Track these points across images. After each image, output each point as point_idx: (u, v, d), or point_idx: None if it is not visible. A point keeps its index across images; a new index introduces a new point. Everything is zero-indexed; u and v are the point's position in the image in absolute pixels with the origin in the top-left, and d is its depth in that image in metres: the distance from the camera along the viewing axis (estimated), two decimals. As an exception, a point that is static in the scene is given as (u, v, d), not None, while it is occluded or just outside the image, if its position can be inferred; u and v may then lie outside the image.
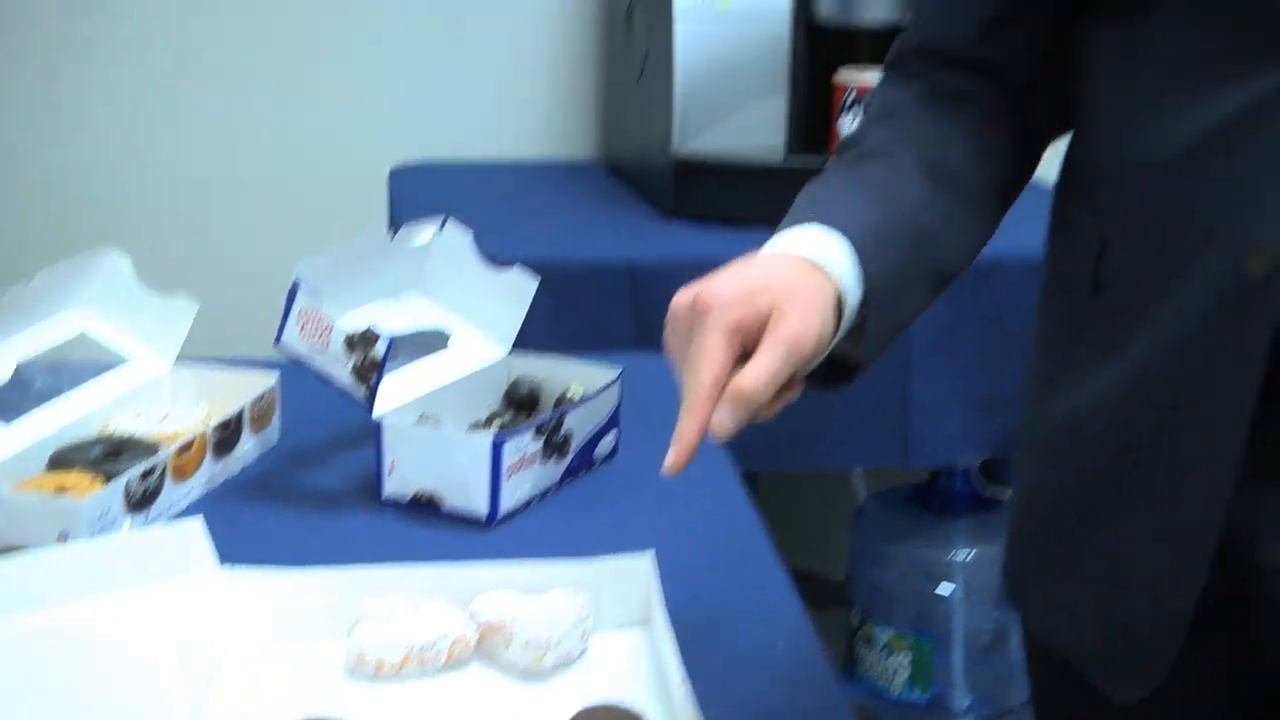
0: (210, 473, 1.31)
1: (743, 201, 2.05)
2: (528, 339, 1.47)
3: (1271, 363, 1.00)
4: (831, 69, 2.07)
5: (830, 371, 1.06)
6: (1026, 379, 1.21)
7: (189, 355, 1.43)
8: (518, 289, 1.47)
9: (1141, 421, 1.07)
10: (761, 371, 0.95)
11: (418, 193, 2.25)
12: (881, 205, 1.08)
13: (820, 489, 2.60)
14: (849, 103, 2.05)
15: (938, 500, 2.33)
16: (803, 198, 1.09)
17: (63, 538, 1.14)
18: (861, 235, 1.04)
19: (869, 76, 2.00)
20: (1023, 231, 1.25)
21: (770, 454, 1.92)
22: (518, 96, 2.45)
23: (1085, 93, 1.14)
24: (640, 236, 2.07)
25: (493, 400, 1.45)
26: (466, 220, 1.47)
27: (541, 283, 1.47)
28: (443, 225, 1.47)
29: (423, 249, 1.47)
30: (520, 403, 1.44)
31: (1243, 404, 1.01)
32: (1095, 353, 1.10)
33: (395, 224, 2.17)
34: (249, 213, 2.42)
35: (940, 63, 1.19)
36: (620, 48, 2.29)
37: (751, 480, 2.18)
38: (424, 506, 1.29)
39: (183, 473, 1.27)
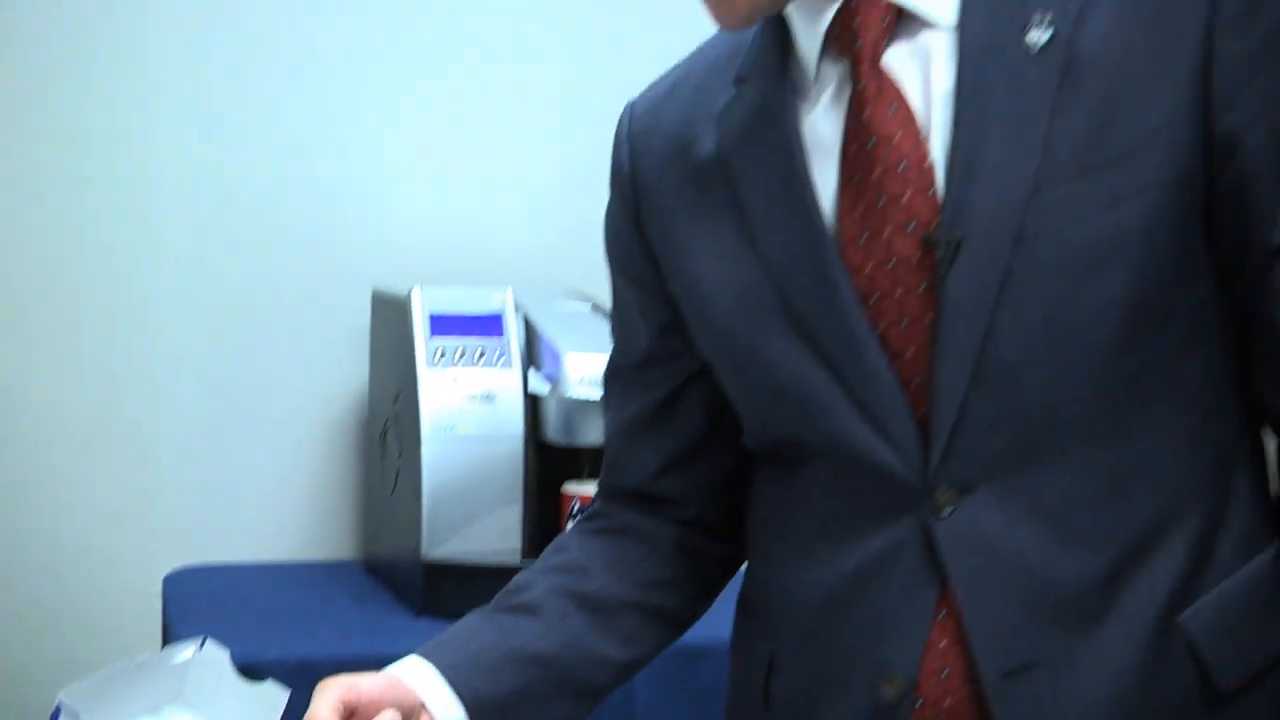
0: None
1: (485, 600, 2.07)
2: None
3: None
4: (560, 482, 2.15)
5: None
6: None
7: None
8: (271, 699, 1.46)
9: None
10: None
11: (191, 596, 2.22)
12: (494, 638, 1.17)
13: None
14: (575, 510, 2.12)
15: None
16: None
17: None
18: (452, 664, 1.13)
19: (591, 488, 2.06)
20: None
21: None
22: (286, 504, 2.46)
23: (753, 532, 1.21)
24: (392, 633, 2.06)
25: (245, 804, 1.42)
26: (236, 621, 1.46)
27: (301, 681, 1.46)
28: (203, 644, 1.47)
29: (183, 666, 1.45)
30: (270, 805, 1.42)
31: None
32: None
33: (169, 627, 2.14)
34: (22, 624, 2.35)
35: (619, 499, 1.26)
36: (377, 463, 2.33)
37: None
38: None
39: None
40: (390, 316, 2.23)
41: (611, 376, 1.28)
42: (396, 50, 2.40)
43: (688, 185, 1.16)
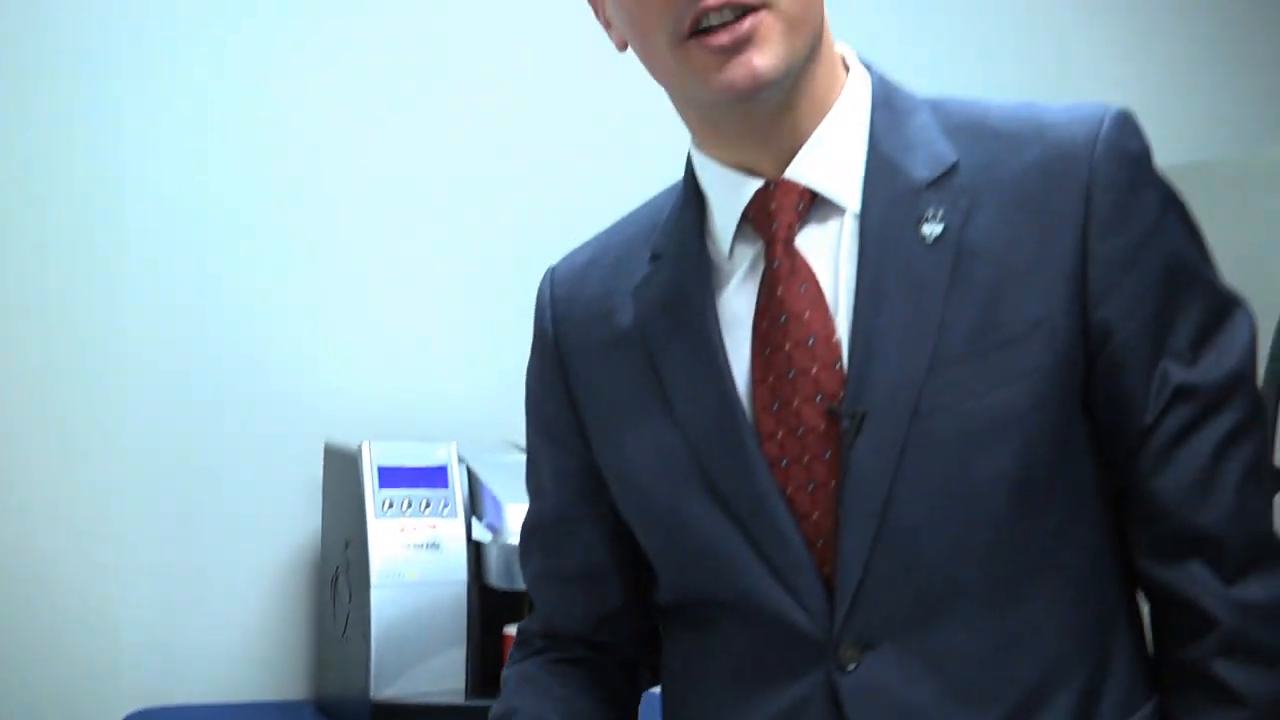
0: None
1: (430, 744, 2.07)
2: None
3: None
4: (502, 624, 2.15)
5: None
6: None
7: None
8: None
9: None
10: None
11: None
12: None
13: None
14: (517, 641, 2.11)
15: None
16: None
17: None
18: None
19: (532, 631, 2.07)
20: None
21: None
22: (241, 646, 2.44)
23: (669, 681, 1.23)
24: (341, 772, 2.05)
25: None
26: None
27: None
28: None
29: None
30: None
31: None
32: None
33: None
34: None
35: (560, 640, 1.27)
36: (328, 607, 2.32)
37: None
38: None
39: None
40: (341, 469, 2.24)
41: (531, 530, 1.30)
42: (346, 211, 2.44)
43: (609, 351, 1.18)
